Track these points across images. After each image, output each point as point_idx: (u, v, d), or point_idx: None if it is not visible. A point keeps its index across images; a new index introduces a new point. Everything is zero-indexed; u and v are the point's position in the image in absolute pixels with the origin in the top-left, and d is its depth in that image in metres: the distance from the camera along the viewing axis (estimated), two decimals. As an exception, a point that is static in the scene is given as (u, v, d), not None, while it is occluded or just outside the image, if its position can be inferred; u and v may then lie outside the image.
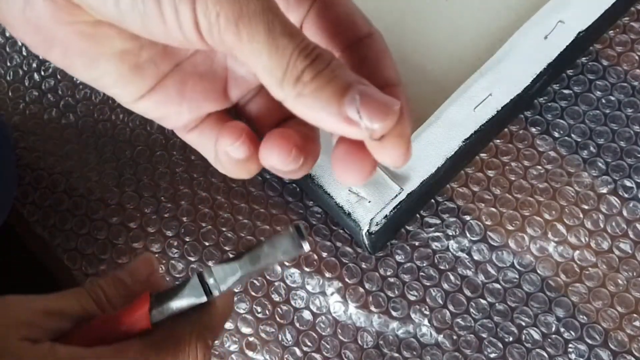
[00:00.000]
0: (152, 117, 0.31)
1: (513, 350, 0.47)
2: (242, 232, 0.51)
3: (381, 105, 0.24)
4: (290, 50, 0.24)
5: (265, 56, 0.24)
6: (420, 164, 0.46)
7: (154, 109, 0.30)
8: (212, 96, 0.30)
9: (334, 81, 0.24)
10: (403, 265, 0.49)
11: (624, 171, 0.50)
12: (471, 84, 0.47)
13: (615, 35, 0.53)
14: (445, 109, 0.47)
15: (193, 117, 0.30)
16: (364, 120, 0.24)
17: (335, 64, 0.24)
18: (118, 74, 0.28)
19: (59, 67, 0.29)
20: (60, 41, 0.27)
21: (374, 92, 0.24)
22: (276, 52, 0.24)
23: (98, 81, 0.29)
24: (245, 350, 0.49)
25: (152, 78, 0.29)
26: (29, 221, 0.54)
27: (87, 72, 0.28)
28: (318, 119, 0.25)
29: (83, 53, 0.28)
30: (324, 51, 0.25)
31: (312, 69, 0.24)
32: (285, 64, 0.24)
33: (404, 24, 0.55)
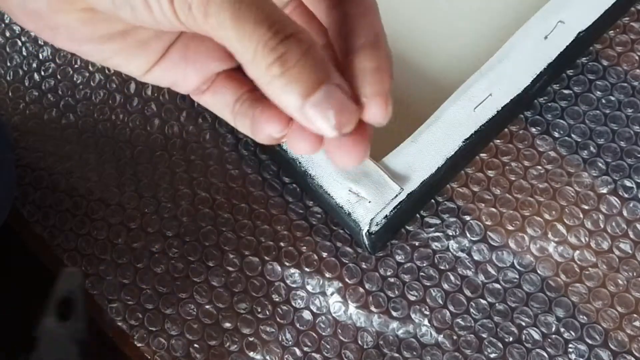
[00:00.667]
0: (164, 85, 0.31)
1: (513, 351, 0.47)
2: (242, 233, 0.51)
3: (344, 112, 0.24)
4: (256, 39, 0.24)
5: (235, 43, 0.24)
6: (420, 164, 0.46)
7: (163, 77, 0.30)
8: (216, 55, 0.30)
9: (301, 79, 0.24)
10: (403, 265, 0.49)
11: (624, 171, 0.50)
12: (471, 84, 0.47)
13: (615, 35, 0.53)
14: (445, 109, 0.47)
15: (201, 79, 0.30)
16: (322, 122, 0.24)
17: (307, 57, 0.24)
18: (126, 53, 0.29)
19: (70, 52, 0.29)
20: (64, 27, 0.28)
21: (339, 96, 0.24)
22: (243, 40, 0.24)
23: (108, 61, 0.29)
24: (245, 350, 0.49)
25: (158, 50, 0.29)
26: (29, 221, 0.54)
27: (97, 55, 0.29)
28: (284, 108, 0.25)
29: (87, 37, 0.28)
30: (297, 40, 0.24)
31: (280, 63, 0.24)
32: (253, 52, 0.24)
33: (404, 24, 0.55)
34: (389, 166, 0.46)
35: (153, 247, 0.52)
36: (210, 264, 0.51)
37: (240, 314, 0.50)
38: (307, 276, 0.50)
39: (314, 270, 0.50)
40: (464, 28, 0.55)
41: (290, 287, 0.50)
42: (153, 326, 0.50)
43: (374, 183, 0.45)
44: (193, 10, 0.24)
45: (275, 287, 0.50)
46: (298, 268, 0.50)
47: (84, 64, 0.57)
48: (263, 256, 0.51)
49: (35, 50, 0.58)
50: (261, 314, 0.50)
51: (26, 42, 0.59)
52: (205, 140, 0.54)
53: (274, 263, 0.50)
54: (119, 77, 0.57)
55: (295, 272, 0.50)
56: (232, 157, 0.53)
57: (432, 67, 0.54)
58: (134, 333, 0.50)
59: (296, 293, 0.50)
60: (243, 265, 0.51)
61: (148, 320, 0.50)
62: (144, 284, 0.51)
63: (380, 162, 0.46)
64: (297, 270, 0.50)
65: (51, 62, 0.58)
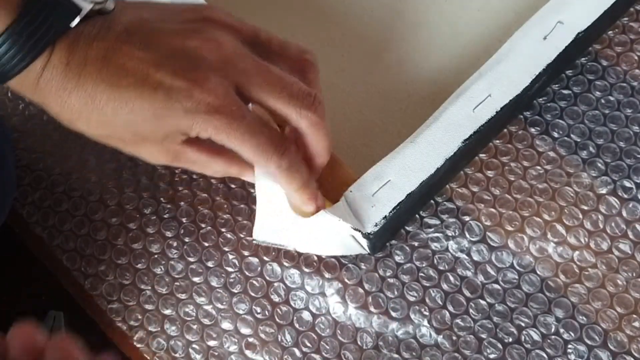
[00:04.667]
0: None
1: (512, 351, 0.47)
2: (242, 233, 0.51)
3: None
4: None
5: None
6: (420, 165, 0.46)
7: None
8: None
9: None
10: (402, 266, 0.49)
11: (624, 171, 0.50)
12: (470, 84, 0.47)
13: (614, 35, 0.53)
14: (444, 109, 0.47)
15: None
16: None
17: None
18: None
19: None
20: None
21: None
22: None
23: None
24: (245, 350, 0.49)
25: None
26: (28, 222, 0.54)
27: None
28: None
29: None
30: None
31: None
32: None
33: (404, 24, 0.55)
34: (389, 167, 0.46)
35: (152, 247, 0.52)
36: (209, 265, 0.51)
37: (240, 314, 0.50)
38: (306, 277, 0.50)
39: (313, 270, 0.50)
40: (463, 28, 0.55)
41: (290, 288, 0.50)
42: (152, 327, 0.50)
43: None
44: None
45: (275, 287, 0.50)
46: (297, 268, 0.50)
47: (83, 65, 0.57)
48: (262, 257, 0.51)
49: (34, 51, 0.58)
50: (260, 315, 0.50)
51: (25, 42, 0.59)
52: (204, 141, 0.54)
53: (273, 263, 0.50)
54: (119, 78, 0.57)
55: (295, 273, 0.50)
56: (232, 157, 0.53)
57: (432, 67, 0.54)
58: (134, 334, 0.50)
59: (295, 294, 0.50)
60: (242, 265, 0.51)
61: (147, 321, 0.50)
62: (143, 285, 0.51)
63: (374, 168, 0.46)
64: (296, 271, 0.50)
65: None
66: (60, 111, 0.40)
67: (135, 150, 0.42)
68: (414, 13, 0.56)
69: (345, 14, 0.56)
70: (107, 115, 0.39)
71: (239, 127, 0.39)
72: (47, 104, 0.39)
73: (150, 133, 0.40)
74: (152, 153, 0.42)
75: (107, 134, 0.41)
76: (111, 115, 0.39)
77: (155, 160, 0.43)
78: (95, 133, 0.41)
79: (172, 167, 0.54)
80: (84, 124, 0.40)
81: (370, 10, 0.56)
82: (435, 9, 0.55)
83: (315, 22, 0.56)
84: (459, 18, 0.55)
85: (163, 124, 0.39)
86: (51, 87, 0.38)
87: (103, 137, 0.42)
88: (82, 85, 0.38)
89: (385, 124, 0.53)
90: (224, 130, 0.39)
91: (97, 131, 0.41)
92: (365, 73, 0.54)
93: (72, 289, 0.52)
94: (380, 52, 0.55)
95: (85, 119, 0.40)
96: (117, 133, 0.40)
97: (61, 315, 0.49)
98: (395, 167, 0.46)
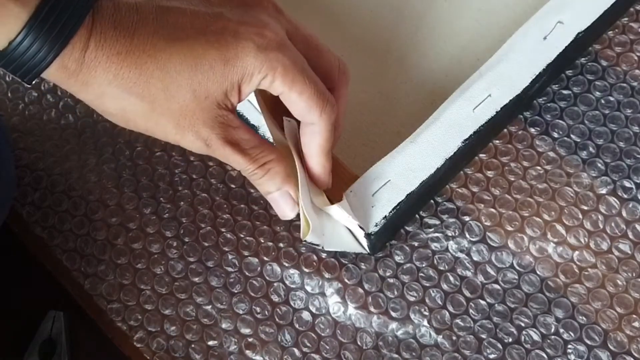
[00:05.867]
0: None
1: (512, 351, 0.47)
2: (242, 233, 0.51)
3: (287, 209, 0.43)
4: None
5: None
6: (420, 165, 0.46)
7: None
8: None
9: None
10: (402, 266, 0.49)
11: (623, 172, 0.50)
12: (470, 84, 0.48)
13: (614, 35, 0.53)
14: (444, 109, 0.47)
15: None
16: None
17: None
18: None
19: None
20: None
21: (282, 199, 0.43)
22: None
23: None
24: (245, 350, 0.49)
25: None
26: (28, 222, 0.54)
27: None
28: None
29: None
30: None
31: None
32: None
33: (404, 24, 0.55)
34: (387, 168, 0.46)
35: (152, 247, 0.52)
36: (209, 265, 0.51)
37: (240, 314, 0.50)
38: (306, 277, 0.50)
39: (313, 270, 0.50)
40: (463, 28, 0.55)
41: (290, 288, 0.50)
42: (152, 327, 0.50)
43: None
44: (209, 149, 0.39)
45: (275, 287, 0.50)
46: (297, 268, 0.50)
47: (83, 65, 0.57)
48: (262, 257, 0.51)
49: (34, 51, 0.58)
50: (260, 315, 0.50)
51: (25, 42, 0.59)
52: (204, 141, 0.54)
53: (273, 263, 0.50)
54: (118, 78, 0.57)
55: (295, 273, 0.50)
56: (232, 157, 0.53)
57: (432, 67, 0.54)
58: (134, 334, 0.50)
59: (295, 293, 0.50)
60: (242, 265, 0.51)
61: (147, 320, 0.50)
62: (143, 285, 0.51)
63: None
64: (296, 271, 0.50)
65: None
66: (109, 85, 0.36)
67: (178, 128, 0.38)
68: (414, 13, 0.56)
69: (346, 15, 0.56)
70: (169, 74, 0.36)
71: (303, 69, 0.38)
72: (95, 80, 0.36)
73: (213, 88, 0.37)
74: (199, 126, 0.38)
75: (160, 105, 0.37)
76: (174, 74, 0.36)
77: (198, 138, 0.38)
78: (145, 109, 0.37)
79: (171, 167, 0.54)
80: (138, 94, 0.37)
81: (370, 11, 0.56)
82: (435, 9, 0.55)
83: (315, 23, 0.56)
84: (459, 18, 0.55)
85: (230, 70, 0.37)
86: (102, 57, 0.35)
87: (151, 113, 0.38)
88: (138, 46, 0.36)
89: (385, 124, 0.53)
90: (291, 71, 0.38)
91: (147, 106, 0.37)
92: (365, 73, 0.54)
93: (72, 289, 0.52)
94: (381, 52, 0.55)
95: (142, 86, 0.36)
96: (174, 99, 0.37)
97: (61, 315, 0.50)
98: (395, 167, 0.46)
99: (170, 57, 0.36)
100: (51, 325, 0.49)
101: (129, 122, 0.38)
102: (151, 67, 0.36)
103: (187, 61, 0.37)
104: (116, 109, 0.37)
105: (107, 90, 0.36)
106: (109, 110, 0.38)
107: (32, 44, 0.34)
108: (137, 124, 0.38)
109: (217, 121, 0.38)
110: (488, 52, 0.49)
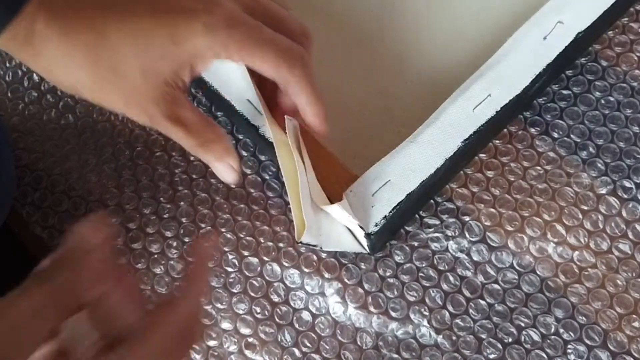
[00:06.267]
0: None
1: (512, 351, 0.47)
2: (242, 233, 0.51)
3: (229, 179, 0.44)
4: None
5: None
6: (420, 165, 0.46)
7: None
8: None
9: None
10: (402, 266, 0.49)
11: (623, 172, 0.50)
12: (470, 84, 0.47)
13: (614, 35, 0.53)
14: (444, 109, 0.47)
15: None
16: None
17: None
18: None
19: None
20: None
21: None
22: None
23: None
24: (245, 350, 0.49)
25: None
26: (28, 222, 0.54)
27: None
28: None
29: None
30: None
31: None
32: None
33: (404, 23, 0.55)
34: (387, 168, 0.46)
35: (152, 247, 0.52)
36: (209, 265, 0.51)
37: (239, 314, 0.50)
38: (306, 277, 0.50)
39: (313, 270, 0.50)
40: (463, 28, 0.55)
41: (290, 288, 0.50)
42: (152, 327, 0.50)
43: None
44: (154, 124, 0.40)
45: (275, 287, 0.50)
46: (297, 268, 0.50)
47: (83, 65, 0.57)
48: (262, 257, 0.51)
49: (34, 51, 0.58)
50: (260, 315, 0.50)
51: (25, 42, 0.59)
52: (204, 141, 0.54)
53: (273, 263, 0.50)
54: (118, 78, 0.57)
55: (295, 273, 0.50)
56: (232, 157, 0.53)
57: (432, 67, 0.54)
58: (133, 334, 0.50)
59: (295, 294, 0.50)
60: (242, 265, 0.51)
61: (147, 320, 0.50)
62: (143, 285, 0.51)
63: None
64: (296, 271, 0.50)
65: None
66: (59, 60, 0.37)
67: (126, 104, 0.39)
68: (414, 13, 0.56)
69: (345, 15, 0.56)
70: (118, 54, 0.37)
71: (260, 35, 0.39)
72: (45, 52, 0.37)
73: (162, 68, 0.38)
74: (146, 103, 0.39)
75: (109, 82, 0.38)
76: (123, 54, 0.37)
77: (143, 113, 0.39)
78: (94, 85, 0.38)
79: (171, 167, 0.54)
80: (87, 70, 0.37)
81: (371, 11, 0.56)
82: (435, 9, 0.55)
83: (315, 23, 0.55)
84: (459, 18, 0.55)
85: (179, 51, 0.37)
86: (51, 30, 0.36)
87: (101, 89, 0.39)
88: (87, 22, 0.36)
89: (385, 124, 0.53)
90: (246, 43, 0.38)
91: (97, 82, 0.38)
92: (365, 73, 0.54)
93: (72, 289, 0.52)
94: (380, 52, 0.55)
95: (91, 63, 0.37)
96: (123, 77, 0.38)
97: None
98: (395, 167, 0.46)
99: (119, 37, 0.37)
100: None
101: (78, 93, 0.39)
102: (100, 45, 0.37)
103: (136, 41, 0.37)
104: (65, 80, 0.38)
105: (56, 63, 0.37)
106: (59, 80, 0.39)
107: None
108: (86, 95, 0.39)
109: (162, 98, 0.39)
110: (488, 52, 0.49)
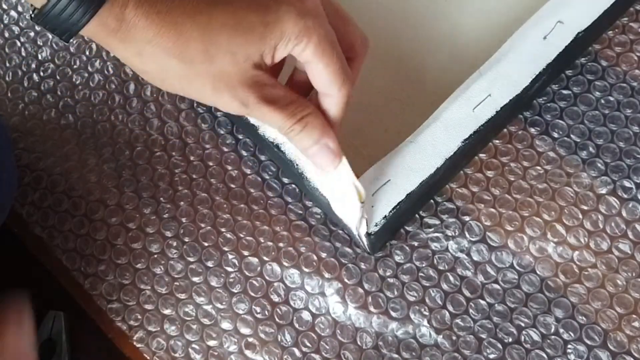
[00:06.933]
0: None
1: (512, 351, 0.47)
2: (242, 233, 0.51)
3: (327, 162, 0.42)
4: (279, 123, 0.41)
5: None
6: (420, 164, 0.46)
7: None
8: None
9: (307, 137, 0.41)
10: (402, 266, 0.49)
11: (623, 172, 0.50)
12: (470, 84, 0.47)
13: (614, 35, 0.53)
14: (444, 109, 0.47)
15: None
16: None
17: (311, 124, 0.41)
18: None
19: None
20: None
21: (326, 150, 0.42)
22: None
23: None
24: (245, 350, 0.49)
25: None
26: (28, 222, 0.54)
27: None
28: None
29: None
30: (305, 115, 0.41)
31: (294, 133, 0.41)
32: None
33: (404, 23, 0.55)
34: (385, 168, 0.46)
35: (152, 247, 0.52)
36: (209, 265, 0.51)
37: (239, 314, 0.50)
38: (306, 276, 0.50)
39: (313, 270, 0.50)
40: (463, 28, 0.55)
41: (290, 288, 0.50)
42: (152, 327, 0.50)
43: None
44: (247, 109, 0.39)
45: (275, 287, 0.50)
46: (297, 268, 0.50)
47: (82, 65, 0.57)
48: (262, 256, 0.51)
49: (34, 51, 0.58)
50: (260, 315, 0.50)
51: (25, 42, 0.59)
52: (204, 141, 0.54)
53: (273, 263, 0.50)
54: (118, 78, 0.57)
55: (295, 273, 0.50)
56: (232, 157, 0.53)
57: (432, 67, 0.54)
58: (133, 334, 0.50)
59: (295, 293, 0.50)
60: (242, 265, 0.51)
61: (147, 320, 0.50)
62: (143, 285, 0.51)
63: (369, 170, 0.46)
64: (296, 271, 0.50)
65: (50, 63, 0.58)
66: (148, 44, 0.36)
67: (214, 89, 0.38)
68: (414, 13, 0.55)
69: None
70: (209, 36, 0.37)
71: (333, 42, 0.39)
72: (134, 38, 0.36)
73: (251, 49, 0.38)
74: (237, 88, 0.38)
75: (199, 66, 0.38)
76: (214, 36, 0.37)
77: (235, 99, 0.39)
78: (182, 70, 0.38)
79: (171, 167, 0.54)
80: (177, 55, 0.37)
81: (370, 11, 0.56)
82: (435, 9, 0.55)
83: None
84: (459, 18, 0.55)
85: (269, 33, 0.37)
86: (141, 15, 0.35)
87: (188, 75, 0.38)
88: (179, 6, 0.36)
89: (385, 124, 0.53)
90: (324, 41, 0.38)
91: (185, 67, 0.37)
92: (365, 73, 0.54)
93: (72, 289, 0.52)
94: (380, 52, 0.55)
95: (181, 46, 0.37)
96: (212, 61, 0.37)
97: (61, 315, 0.50)
98: (395, 167, 0.46)
99: (210, 19, 0.37)
100: (51, 325, 0.49)
101: (164, 81, 0.38)
102: (191, 28, 0.36)
103: (228, 23, 0.37)
104: (153, 68, 0.38)
105: (145, 48, 0.36)
106: (146, 68, 0.38)
107: (69, 2, 0.34)
108: (172, 84, 0.38)
109: (253, 81, 0.38)
110: (488, 52, 0.49)
